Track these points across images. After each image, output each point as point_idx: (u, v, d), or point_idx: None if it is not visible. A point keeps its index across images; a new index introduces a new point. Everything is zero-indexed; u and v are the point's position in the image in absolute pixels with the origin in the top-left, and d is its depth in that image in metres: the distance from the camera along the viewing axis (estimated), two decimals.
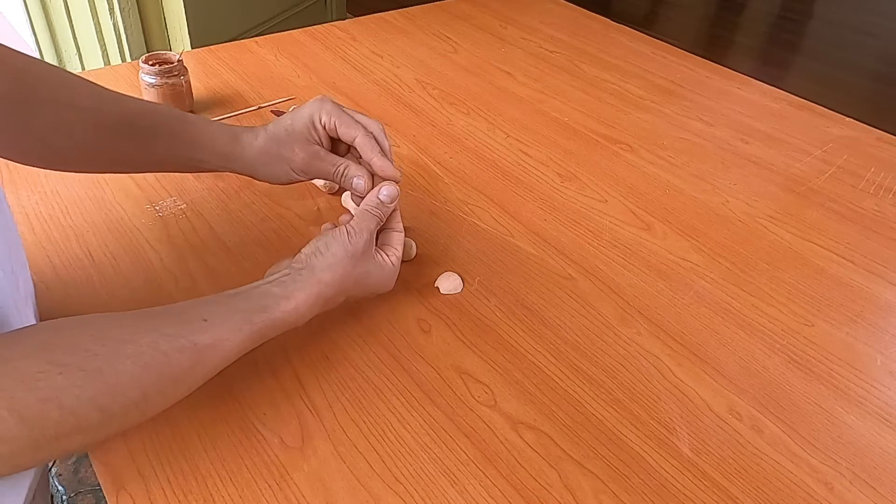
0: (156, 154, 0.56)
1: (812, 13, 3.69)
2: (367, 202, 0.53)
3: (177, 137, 0.56)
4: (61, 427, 0.34)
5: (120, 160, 0.57)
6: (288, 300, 0.45)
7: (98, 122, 0.53)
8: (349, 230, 0.50)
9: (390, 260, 0.53)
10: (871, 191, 0.78)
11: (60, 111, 0.51)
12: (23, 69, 0.50)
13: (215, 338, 0.41)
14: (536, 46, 1.08)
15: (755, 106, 0.95)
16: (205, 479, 0.42)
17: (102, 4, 1.50)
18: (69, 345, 0.36)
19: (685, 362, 0.53)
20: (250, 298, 0.45)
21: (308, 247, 0.49)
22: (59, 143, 0.52)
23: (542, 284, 0.60)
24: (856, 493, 0.45)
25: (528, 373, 0.51)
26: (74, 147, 0.53)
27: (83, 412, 0.35)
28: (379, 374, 0.50)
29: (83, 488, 1.16)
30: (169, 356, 0.39)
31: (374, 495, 0.42)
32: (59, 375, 0.34)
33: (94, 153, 0.55)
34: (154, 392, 0.39)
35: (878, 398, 0.52)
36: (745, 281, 0.63)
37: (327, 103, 0.56)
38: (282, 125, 0.57)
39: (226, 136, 0.58)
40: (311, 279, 0.47)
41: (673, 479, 0.45)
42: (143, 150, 0.56)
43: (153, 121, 0.55)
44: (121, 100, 0.56)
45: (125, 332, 0.38)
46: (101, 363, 0.36)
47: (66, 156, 0.54)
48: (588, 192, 0.73)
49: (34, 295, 0.49)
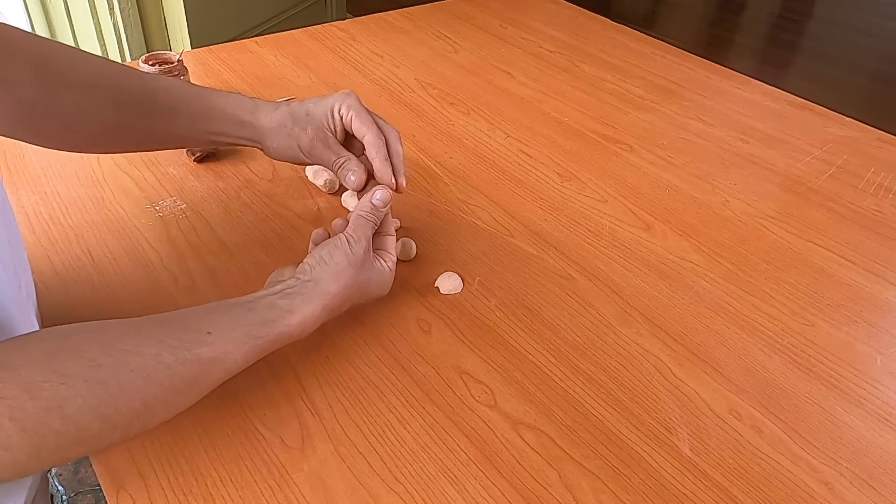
0: (177, 129, 0.57)
1: (812, 13, 3.69)
2: (362, 207, 0.53)
3: (197, 110, 0.57)
4: (62, 437, 0.34)
5: (142, 138, 0.58)
6: (293, 314, 0.45)
7: (120, 100, 0.54)
8: (349, 238, 0.50)
9: (387, 265, 0.53)
10: (871, 191, 0.78)
11: (83, 91, 0.52)
12: (44, 53, 0.50)
13: (219, 351, 0.41)
14: (536, 46, 1.08)
15: (755, 106, 0.95)
16: (205, 479, 0.42)
17: (102, 4, 1.50)
18: (74, 353, 0.36)
19: (685, 362, 0.53)
20: (255, 310, 0.44)
21: (311, 257, 0.49)
22: (82, 124, 0.53)
23: (542, 284, 0.60)
24: (856, 493, 0.45)
25: (528, 373, 0.51)
26: (98, 127, 0.54)
27: (85, 422, 0.35)
28: (379, 374, 0.50)
29: (83, 488, 1.16)
30: (172, 369, 0.39)
31: (374, 495, 0.42)
32: (63, 385, 0.34)
33: (117, 132, 0.55)
34: (156, 404, 0.38)
35: (878, 398, 0.52)
36: (745, 281, 0.63)
37: (351, 97, 0.57)
38: (304, 107, 0.58)
39: (247, 104, 0.58)
40: (317, 291, 0.47)
41: (673, 479, 0.45)
42: (164, 126, 0.56)
43: (174, 94, 0.56)
44: (141, 77, 0.56)
45: (130, 343, 0.38)
46: (104, 374, 0.36)
47: (89, 136, 0.55)
48: (588, 192, 0.73)
49: (35, 295, 0.49)
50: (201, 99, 0.57)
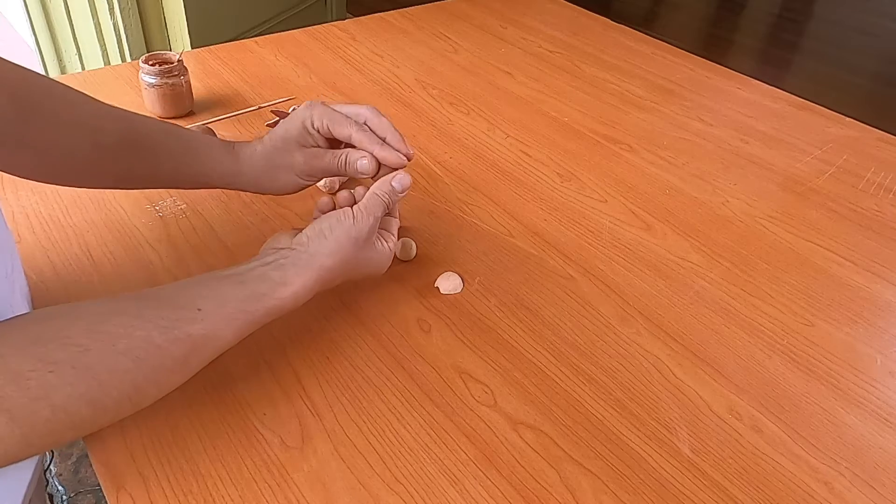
0: (159, 173, 0.55)
1: (812, 13, 3.69)
2: (380, 187, 0.52)
3: (179, 159, 0.55)
4: (52, 424, 0.34)
5: (121, 178, 0.56)
6: (286, 286, 0.45)
7: (99, 141, 0.51)
8: (355, 213, 0.49)
9: (388, 245, 0.53)
10: (871, 191, 0.78)
11: (61, 128, 0.50)
12: (22, 83, 0.48)
13: (210, 328, 0.41)
14: (536, 46, 1.08)
15: (755, 106, 0.95)
16: (205, 479, 0.42)
17: (102, 4, 1.50)
18: (60, 339, 0.35)
19: (685, 362, 0.53)
20: (246, 283, 0.44)
21: (311, 228, 0.48)
22: (58, 159, 0.51)
23: (542, 284, 0.60)
24: (856, 493, 0.45)
25: (528, 373, 0.51)
26: (74, 164, 0.52)
27: (74, 409, 0.35)
28: (379, 374, 0.50)
29: (83, 488, 1.16)
30: (163, 349, 0.38)
31: (374, 495, 0.42)
32: (51, 374, 0.34)
33: (93, 171, 0.53)
34: (147, 384, 0.38)
35: (878, 398, 0.52)
36: (745, 281, 0.63)
37: (316, 107, 0.55)
38: (277, 135, 0.56)
39: (227, 156, 0.56)
40: (311, 263, 0.46)
41: (673, 479, 0.45)
42: (144, 169, 0.54)
43: (156, 141, 0.54)
44: (124, 118, 0.54)
45: (118, 325, 0.37)
46: (92, 359, 0.35)
47: (64, 172, 0.53)
48: (588, 192, 0.73)
49: (29, 295, 0.49)
50: (187, 147, 0.55)
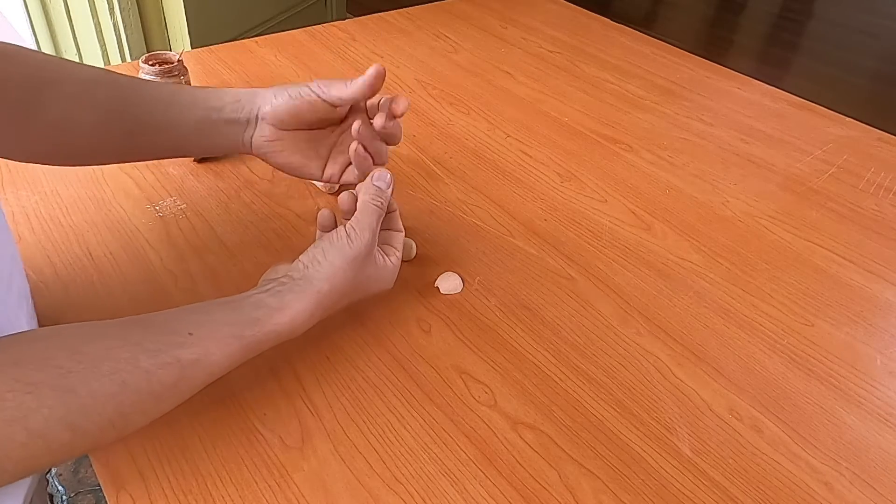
0: (171, 119, 0.55)
1: (812, 13, 3.69)
2: (366, 192, 0.51)
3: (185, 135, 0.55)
4: (28, 449, 0.33)
5: (126, 153, 0.57)
6: (282, 312, 0.44)
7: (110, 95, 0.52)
8: (349, 232, 0.48)
9: (390, 260, 0.52)
10: (871, 191, 0.78)
11: (69, 106, 0.49)
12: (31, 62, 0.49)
13: (200, 353, 0.39)
14: (536, 46, 1.08)
15: (755, 106, 0.95)
16: (205, 479, 0.42)
17: (102, 4, 1.51)
18: (40, 360, 0.34)
19: (685, 362, 0.53)
20: (241, 309, 0.43)
21: (306, 255, 0.48)
22: (66, 138, 0.51)
23: (542, 284, 0.60)
24: (856, 493, 0.45)
25: (528, 373, 0.51)
26: (82, 143, 0.52)
27: (53, 434, 0.33)
28: (379, 374, 0.50)
29: (83, 488, 1.16)
30: (150, 373, 0.37)
31: (374, 495, 0.42)
32: (28, 395, 0.32)
33: (100, 148, 0.54)
34: (132, 411, 0.37)
35: (878, 398, 0.52)
36: (745, 281, 0.63)
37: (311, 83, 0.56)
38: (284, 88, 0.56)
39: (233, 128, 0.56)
40: (308, 289, 0.45)
41: (673, 479, 0.45)
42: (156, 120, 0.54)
43: (164, 88, 0.55)
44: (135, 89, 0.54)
45: (102, 347, 0.36)
46: (74, 381, 0.34)
47: (72, 151, 0.53)
48: (588, 192, 0.73)
49: (29, 296, 0.49)
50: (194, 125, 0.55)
